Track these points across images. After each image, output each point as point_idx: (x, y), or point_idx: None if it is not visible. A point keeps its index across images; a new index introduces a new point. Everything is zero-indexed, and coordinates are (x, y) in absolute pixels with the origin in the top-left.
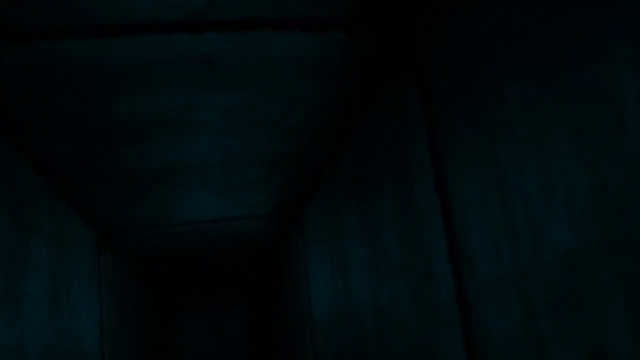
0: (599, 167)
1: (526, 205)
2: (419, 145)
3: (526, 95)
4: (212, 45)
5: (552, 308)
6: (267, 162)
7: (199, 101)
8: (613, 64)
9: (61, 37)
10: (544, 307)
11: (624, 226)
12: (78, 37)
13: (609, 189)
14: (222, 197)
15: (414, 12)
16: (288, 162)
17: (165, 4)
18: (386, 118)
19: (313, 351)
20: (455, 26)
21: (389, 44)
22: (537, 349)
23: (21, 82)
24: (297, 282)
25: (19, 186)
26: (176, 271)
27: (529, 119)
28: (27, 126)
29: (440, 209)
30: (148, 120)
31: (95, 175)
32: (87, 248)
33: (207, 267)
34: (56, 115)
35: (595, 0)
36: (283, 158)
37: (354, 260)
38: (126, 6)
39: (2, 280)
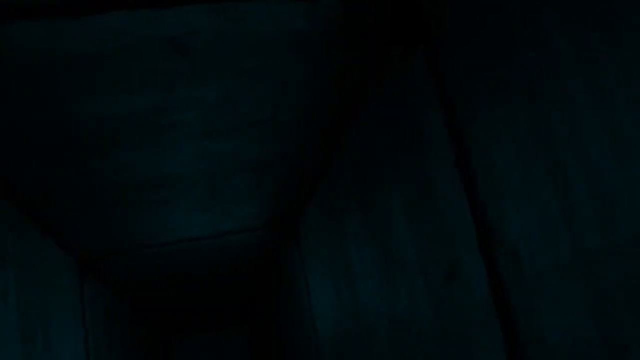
0: None
1: (587, 170)
2: (431, 119)
3: (581, 31)
4: (184, 23)
5: (636, 300)
6: (256, 167)
7: (174, 97)
8: None
9: None
10: (623, 299)
11: None
12: (21, 20)
13: None
14: (209, 211)
15: None
16: (280, 164)
17: None
18: (389, 95)
19: None
20: None
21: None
22: (615, 356)
23: None
24: (296, 296)
25: None
26: (168, 294)
27: (585, 57)
28: None
29: (465, 191)
30: (117, 124)
31: (67, 194)
32: (67, 276)
33: (200, 287)
34: (9, 125)
35: None
36: (274, 160)
37: (360, 266)
38: None
39: None
